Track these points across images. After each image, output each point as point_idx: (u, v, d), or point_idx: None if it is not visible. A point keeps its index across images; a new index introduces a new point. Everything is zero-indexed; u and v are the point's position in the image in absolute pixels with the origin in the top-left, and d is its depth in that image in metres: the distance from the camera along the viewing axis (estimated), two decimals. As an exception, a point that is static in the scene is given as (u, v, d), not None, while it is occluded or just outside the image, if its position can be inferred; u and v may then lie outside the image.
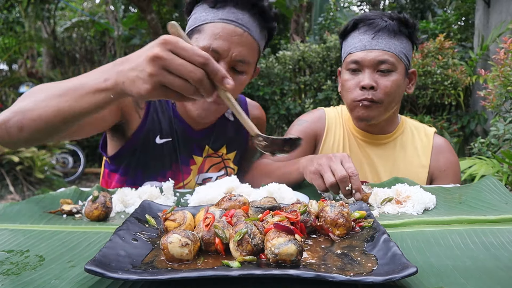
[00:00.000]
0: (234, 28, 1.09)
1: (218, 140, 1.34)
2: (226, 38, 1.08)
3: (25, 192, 5.23)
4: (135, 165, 1.25)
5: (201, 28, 1.12)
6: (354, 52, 1.32)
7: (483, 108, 4.40)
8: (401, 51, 1.30)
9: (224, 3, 1.11)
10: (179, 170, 1.28)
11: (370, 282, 0.51)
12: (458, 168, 1.43)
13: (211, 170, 1.34)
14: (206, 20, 1.11)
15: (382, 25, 1.29)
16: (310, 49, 6.34)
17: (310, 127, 1.47)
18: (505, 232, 0.75)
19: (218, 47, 1.08)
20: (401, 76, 1.31)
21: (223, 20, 1.10)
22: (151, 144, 1.24)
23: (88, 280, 0.58)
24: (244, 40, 1.11)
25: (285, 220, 0.64)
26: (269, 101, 6.76)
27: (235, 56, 1.10)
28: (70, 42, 9.87)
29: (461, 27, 6.99)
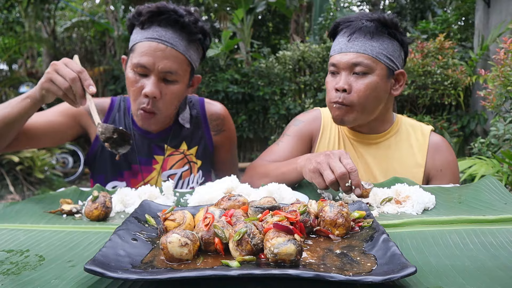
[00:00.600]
0: (157, 44, 1.25)
1: (176, 138, 1.47)
2: (151, 54, 1.24)
3: (25, 192, 5.23)
4: (99, 169, 1.44)
5: (134, 48, 1.29)
6: (333, 55, 1.34)
7: (483, 108, 4.41)
8: (380, 52, 1.28)
9: (150, 23, 1.27)
10: (139, 170, 1.43)
11: (369, 282, 0.51)
12: (457, 167, 1.40)
13: (175, 166, 1.46)
14: (136, 40, 1.28)
15: (357, 27, 1.29)
16: (310, 49, 6.34)
17: (306, 127, 1.48)
18: (504, 232, 0.75)
19: (145, 62, 1.24)
20: (379, 78, 1.29)
21: (148, 38, 1.26)
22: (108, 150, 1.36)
23: (88, 280, 0.58)
24: (167, 54, 1.25)
25: (284, 220, 0.64)
26: (269, 101, 6.76)
27: (161, 69, 1.25)
28: (70, 42, 9.87)
29: (461, 27, 7.00)
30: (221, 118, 1.54)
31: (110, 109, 1.45)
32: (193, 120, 1.49)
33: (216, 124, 1.53)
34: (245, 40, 7.78)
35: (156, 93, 1.25)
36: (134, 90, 1.27)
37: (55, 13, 9.90)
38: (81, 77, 1.09)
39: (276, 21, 10.81)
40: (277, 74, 6.67)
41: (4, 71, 8.21)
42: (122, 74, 8.11)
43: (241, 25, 7.80)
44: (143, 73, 1.26)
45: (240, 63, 7.57)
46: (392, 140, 1.42)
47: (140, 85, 1.26)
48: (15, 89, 7.72)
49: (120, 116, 1.45)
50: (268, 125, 7.07)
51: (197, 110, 1.52)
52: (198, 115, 1.51)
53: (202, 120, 1.51)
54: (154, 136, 1.43)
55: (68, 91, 1.09)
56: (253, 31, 8.83)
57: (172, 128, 1.45)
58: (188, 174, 1.46)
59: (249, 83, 6.80)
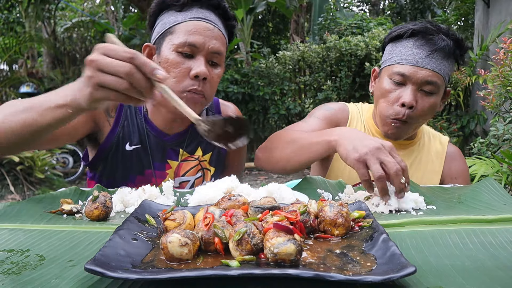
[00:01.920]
0: (206, 24, 1.18)
1: (192, 143, 1.37)
2: (200, 33, 1.17)
3: (26, 192, 5.23)
4: (107, 172, 1.31)
5: (173, 29, 1.19)
6: (403, 64, 1.27)
7: (483, 108, 4.40)
8: (447, 73, 1.27)
9: (190, 6, 1.20)
10: (152, 176, 1.31)
11: (369, 282, 0.51)
12: (468, 176, 1.45)
13: (189, 173, 1.36)
14: (177, 21, 1.19)
15: (440, 45, 1.24)
16: (310, 49, 6.34)
17: (336, 115, 1.44)
18: (503, 232, 0.75)
19: (194, 41, 1.16)
20: (439, 97, 1.28)
21: (194, 18, 1.18)
22: (120, 151, 1.29)
23: (88, 280, 0.58)
24: (216, 34, 1.20)
25: (284, 220, 0.64)
26: (269, 101, 6.76)
27: (211, 48, 1.18)
28: (71, 42, 9.87)
29: (461, 27, 7.00)
30: None
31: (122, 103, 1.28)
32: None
33: None
34: (245, 40, 7.78)
35: (207, 74, 1.16)
36: (180, 71, 1.15)
37: (56, 13, 9.90)
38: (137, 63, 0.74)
39: (276, 21, 10.82)
40: (277, 74, 6.67)
41: (4, 71, 8.22)
42: (122, 74, 8.10)
43: (241, 25, 7.80)
44: (190, 53, 1.17)
45: (240, 63, 7.57)
46: (416, 146, 1.45)
47: (186, 67, 1.16)
48: (16, 89, 7.72)
49: (132, 113, 1.32)
50: (268, 125, 7.07)
51: (213, 112, 1.44)
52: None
53: None
54: (170, 139, 1.33)
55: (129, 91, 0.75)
56: (253, 31, 8.83)
57: (189, 130, 1.36)
58: (201, 182, 1.38)
59: (249, 83, 6.80)
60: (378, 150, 0.95)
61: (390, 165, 0.92)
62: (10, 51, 7.57)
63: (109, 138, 1.28)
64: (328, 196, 1.05)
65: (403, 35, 1.30)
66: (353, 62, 5.99)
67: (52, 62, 9.18)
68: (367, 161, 0.95)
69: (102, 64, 0.74)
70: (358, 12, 11.20)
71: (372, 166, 0.93)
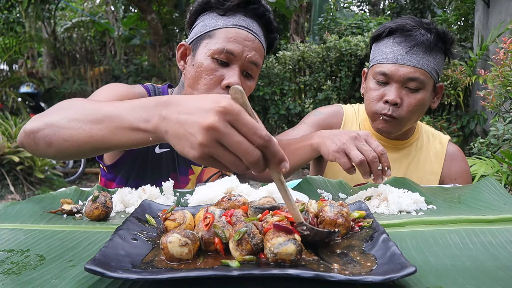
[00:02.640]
0: (247, 33, 1.15)
1: None
2: (240, 42, 1.13)
3: (26, 192, 5.23)
4: (134, 175, 1.26)
5: (212, 34, 1.15)
6: (384, 63, 1.27)
7: (483, 108, 4.40)
8: (433, 68, 1.25)
9: (234, 12, 1.16)
10: (176, 180, 1.28)
11: (369, 282, 0.51)
12: (469, 177, 1.42)
13: (211, 179, 1.34)
14: (218, 26, 1.15)
15: (419, 40, 1.22)
16: (310, 49, 6.34)
17: (326, 120, 1.45)
18: (504, 232, 0.75)
19: (233, 49, 1.12)
20: (428, 93, 1.27)
21: (236, 26, 1.15)
22: (150, 154, 1.25)
23: (88, 280, 0.58)
24: (256, 45, 1.17)
25: (284, 220, 0.64)
26: (269, 101, 6.76)
27: (249, 58, 1.15)
28: (71, 42, 9.87)
29: (461, 27, 6.99)
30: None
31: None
32: None
33: None
34: (245, 40, 7.76)
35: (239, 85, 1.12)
36: (212, 79, 1.12)
37: (56, 13, 9.90)
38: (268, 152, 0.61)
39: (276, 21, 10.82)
40: (277, 74, 6.67)
41: (4, 71, 8.21)
42: (122, 74, 8.12)
43: (241, 25, 7.79)
44: (226, 60, 1.14)
45: (240, 63, 7.56)
46: (413, 146, 1.43)
47: (219, 74, 1.13)
48: (16, 89, 7.72)
49: None
50: (268, 125, 7.07)
51: None
52: None
53: None
54: None
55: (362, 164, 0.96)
56: (253, 31, 8.80)
57: None
58: None
59: (249, 83, 6.80)
60: (354, 139, 0.99)
61: (366, 152, 0.96)
62: (10, 51, 7.56)
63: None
64: (328, 196, 1.05)
65: (382, 34, 1.30)
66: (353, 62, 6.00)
67: (52, 62, 9.18)
68: (345, 150, 0.99)
69: (227, 140, 0.58)
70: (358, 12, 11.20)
71: (351, 153, 0.97)
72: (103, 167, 1.32)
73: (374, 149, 0.96)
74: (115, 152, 1.25)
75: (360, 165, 0.95)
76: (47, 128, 0.81)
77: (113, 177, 1.30)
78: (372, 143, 0.98)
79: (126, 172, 1.27)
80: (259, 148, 0.59)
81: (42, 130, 0.81)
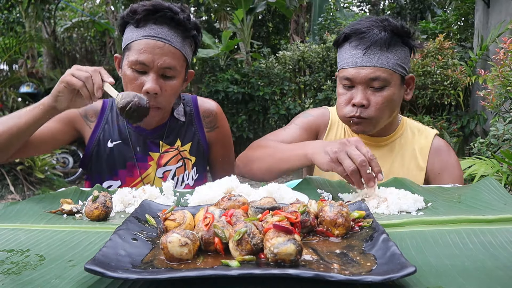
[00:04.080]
0: (155, 42, 1.27)
1: (171, 135, 1.48)
2: (149, 51, 1.26)
3: (26, 192, 5.23)
4: (95, 169, 1.45)
5: (130, 46, 1.30)
6: (346, 68, 1.29)
7: (483, 108, 4.41)
8: (396, 63, 1.26)
9: (145, 22, 1.28)
10: (135, 167, 1.43)
11: (369, 282, 0.51)
12: (456, 170, 1.39)
13: (169, 163, 1.47)
14: (132, 38, 1.29)
15: (373, 39, 1.24)
16: (310, 49, 6.34)
17: (315, 122, 1.48)
18: (504, 232, 0.75)
19: (144, 60, 1.26)
20: (395, 88, 1.28)
21: (145, 36, 1.27)
22: (102, 149, 1.43)
23: (88, 280, 0.58)
24: (165, 50, 1.27)
25: (284, 220, 0.64)
26: (269, 101, 6.76)
27: (161, 65, 1.27)
28: (71, 42, 9.88)
29: (461, 27, 6.99)
30: (214, 115, 1.55)
31: (103, 110, 1.47)
32: (187, 117, 1.51)
33: (209, 121, 1.54)
34: (245, 40, 7.78)
35: (156, 89, 1.27)
36: (134, 87, 1.28)
37: (56, 13, 9.90)
38: (101, 71, 1.15)
39: (276, 21, 10.81)
40: (277, 74, 6.67)
41: (4, 71, 8.22)
42: (122, 74, 8.11)
43: (241, 25, 7.80)
44: (142, 70, 1.28)
45: (240, 63, 7.57)
46: (396, 142, 1.42)
47: (139, 82, 1.28)
48: (16, 89, 7.72)
49: (113, 116, 1.47)
50: (268, 125, 7.07)
51: (190, 107, 1.54)
52: (191, 112, 1.53)
53: (195, 117, 1.53)
54: (149, 133, 1.45)
55: (87, 80, 1.12)
56: (253, 31, 8.83)
57: (167, 124, 1.47)
58: (182, 171, 1.48)
59: (249, 83, 6.80)
60: (344, 146, 1.02)
61: (355, 157, 0.98)
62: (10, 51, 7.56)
63: (92, 139, 1.43)
64: (328, 196, 1.05)
65: (339, 40, 1.34)
66: (353, 62, 5.98)
67: (52, 62, 9.18)
68: (338, 159, 1.01)
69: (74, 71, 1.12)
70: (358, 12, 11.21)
71: (344, 162, 1.00)
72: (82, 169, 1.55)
73: (364, 154, 0.99)
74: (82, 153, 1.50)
75: (352, 174, 0.98)
76: None
77: (86, 176, 1.52)
78: (362, 149, 1.01)
79: (89, 169, 1.47)
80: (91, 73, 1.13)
81: None
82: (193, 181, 1.49)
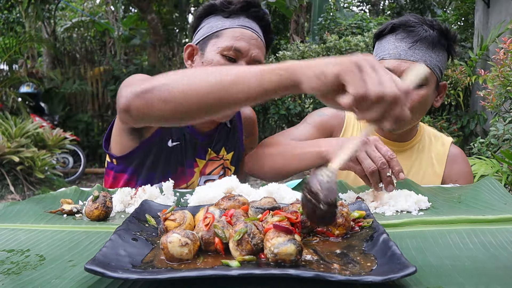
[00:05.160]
0: (251, 33, 1.26)
1: (219, 143, 1.41)
2: (246, 40, 1.24)
3: (26, 192, 5.23)
4: (148, 167, 1.29)
5: (219, 34, 1.25)
6: (387, 59, 1.26)
7: (483, 108, 4.41)
8: (436, 65, 1.25)
9: (237, 14, 1.27)
10: (183, 172, 1.34)
11: (369, 282, 0.51)
12: (471, 178, 1.42)
13: (214, 172, 1.41)
14: (224, 26, 1.26)
15: (422, 35, 1.22)
16: (310, 49, 6.34)
17: (329, 122, 1.45)
18: (504, 232, 0.75)
19: (240, 46, 1.23)
20: (431, 90, 1.26)
21: (241, 26, 1.26)
22: (163, 147, 1.31)
23: (88, 280, 0.58)
24: (259, 44, 1.27)
25: (284, 220, 0.64)
26: (269, 101, 6.76)
27: (254, 56, 1.25)
28: (71, 42, 9.87)
29: (461, 27, 6.99)
30: (253, 121, 1.53)
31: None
32: (232, 123, 1.45)
33: (249, 128, 1.51)
34: (245, 40, 7.76)
35: None
36: None
37: (56, 13, 9.91)
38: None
39: (276, 21, 10.81)
40: (277, 74, 6.67)
41: (4, 71, 8.22)
42: (123, 74, 8.12)
43: (241, 25, 7.79)
44: (234, 57, 1.23)
45: (240, 63, 7.56)
46: (415, 148, 1.42)
47: None
48: (16, 89, 7.72)
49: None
50: (268, 125, 7.07)
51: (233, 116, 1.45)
52: (234, 118, 1.46)
53: (238, 123, 1.48)
54: (202, 138, 1.37)
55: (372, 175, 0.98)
56: (253, 31, 8.79)
57: (218, 130, 1.40)
58: None
59: (249, 83, 6.79)
60: (365, 145, 1.00)
61: (375, 159, 0.97)
62: (10, 51, 7.56)
63: (155, 133, 1.27)
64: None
65: (384, 31, 1.31)
66: (353, 62, 5.98)
67: (52, 62, 9.18)
68: (358, 158, 0.99)
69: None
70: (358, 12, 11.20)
71: (364, 162, 0.98)
72: (111, 160, 1.32)
73: (384, 154, 0.97)
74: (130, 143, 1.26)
75: (372, 174, 0.96)
76: (163, 86, 0.82)
77: (123, 168, 1.30)
78: (381, 148, 0.99)
79: (139, 164, 1.29)
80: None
81: (158, 88, 0.82)
82: None
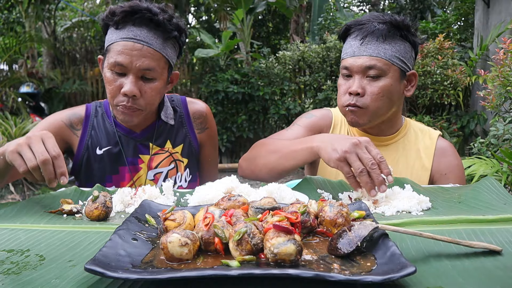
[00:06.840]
0: (133, 44, 1.26)
1: (160, 137, 1.47)
2: (127, 53, 1.25)
3: (26, 192, 5.23)
4: (86, 177, 1.43)
5: (109, 48, 1.30)
6: (345, 58, 1.34)
7: (483, 108, 4.41)
8: (393, 55, 1.29)
9: (124, 23, 1.27)
10: (127, 171, 1.43)
11: (369, 282, 0.51)
12: (461, 171, 1.42)
13: (161, 165, 1.47)
14: (111, 40, 1.29)
15: (370, 30, 1.29)
16: (310, 49, 6.34)
17: (318, 123, 1.49)
18: (503, 232, 0.75)
19: (122, 61, 1.25)
20: (392, 80, 1.30)
21: (123, 38, 1.27)
22: (92, 157, 1.42)
23: (88, 280, 0.58)
24: (144, 52, 1.26)
25: (284, 220, 0.64)
26: (269, 101, 6.76)
27: (139, 67, 1.26)
28: (71, 42, 9.88)
29: (461, 27, 6.99)
30: (204, 116, 1.55)
31: (87, 116, 1.45)
32: (177, 119, 1.51)
33: (199, 122, 1.54)
34: (245, 40, 7.78)
35: (135, 92, 1.26)
36: (113, 89, 1.28)
37: (56, 13, 9.90)
38: (55, 163, 0.96)
39: (276, 21, 10.81)
40: (277, 74, 6.67)
41: (4, 71, 8.22)
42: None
43: (241, 25, 7.80)
44: (121, 72, 1.27)
45: (240, 63, 7.57)
46: (400, 142, 1.44)
47: (118, 84, 1.27)
48: (16, 89, 7.72)
49: (99, 121, 1.45)
50: (268, 125, 7.07)
51: (180, 109, 1.53)
52: (181, 113, 1.52)
53: (185, 118, 1.52)
54: (138, 136, 1.44)
55: (34, 171, 0.96)
56: (253, 31, 8.83)
57: (156, 126, 1.46)
58: (175, 173, 1.47)
59: (249, 83, 6.80)
60: (355, 146, 1.01)
61: (365, 160, 0.98)
62: (10, 51, 7.56)
63: (80, 147, 1.43)
64: (328, 196, 1.05)
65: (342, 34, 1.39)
66: (353, 62, 5.98)
67: (52, 62, 9.18)
68: (347, 159, 1.00)
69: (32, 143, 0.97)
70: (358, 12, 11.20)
71: (353, 164, 0.99)
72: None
73: (374, 156, 0.98)
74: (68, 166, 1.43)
75: (361, 175, 0.97)
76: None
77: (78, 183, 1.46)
78: (372, 150, 1.01)
79: (79, 177, 1.45)
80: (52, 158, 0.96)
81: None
82: (186, 182, 1.49)
